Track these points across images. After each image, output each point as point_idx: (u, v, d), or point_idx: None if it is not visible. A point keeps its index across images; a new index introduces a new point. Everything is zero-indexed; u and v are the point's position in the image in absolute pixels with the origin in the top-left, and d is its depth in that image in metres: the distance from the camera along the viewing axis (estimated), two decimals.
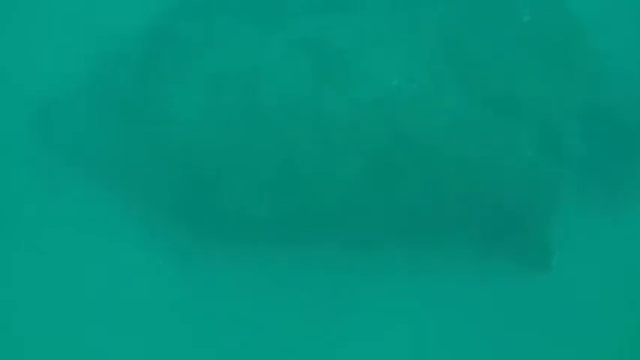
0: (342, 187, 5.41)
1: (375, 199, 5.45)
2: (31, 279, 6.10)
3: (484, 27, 5.51)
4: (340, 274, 6.06)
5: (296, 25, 5.61)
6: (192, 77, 5.56)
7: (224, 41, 5.63)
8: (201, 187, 5.59)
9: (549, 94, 5.36)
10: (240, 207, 5.57)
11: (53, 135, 6.22)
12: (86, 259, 6.15)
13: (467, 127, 5.31)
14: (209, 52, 5.60)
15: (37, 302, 6.04)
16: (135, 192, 5.94)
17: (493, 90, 5.35)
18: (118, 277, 6.10)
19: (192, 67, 5.59)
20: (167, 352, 5.88)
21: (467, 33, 5.47)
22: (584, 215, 5.83)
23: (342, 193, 5.43)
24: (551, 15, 5.62)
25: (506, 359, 5.66)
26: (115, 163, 5.92)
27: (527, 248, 5.51)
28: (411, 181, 5.37)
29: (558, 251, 5.41)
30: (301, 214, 5.57)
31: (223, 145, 5.47)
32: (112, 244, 6.16)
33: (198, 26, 5.73)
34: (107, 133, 5.93)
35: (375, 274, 6.03)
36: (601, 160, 5.71)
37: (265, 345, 5.86)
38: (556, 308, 5.73)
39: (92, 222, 6.24)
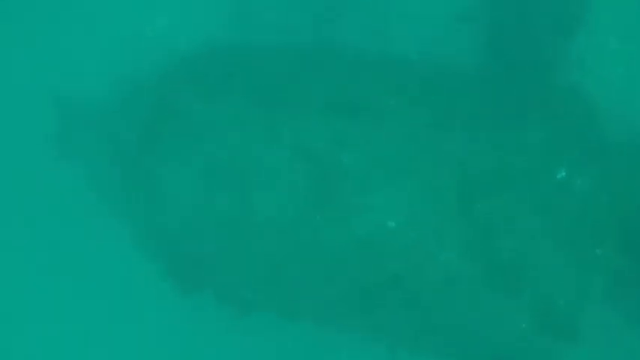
0: (327, 308, 5.28)
1: (357, 325, 5.31)
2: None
3: (509, 179, 4.85)
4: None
5: (304, 126, 5.15)
6: (191, 163, 5.31)
7: (228, 130, 5.28)
8: (192, 268, 5.55)
9: (560, 268, 4.78)
10: (230, 291, 5.55)
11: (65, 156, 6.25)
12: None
13: (460, 286, 4.87)
14: (212, 140, 5.28)
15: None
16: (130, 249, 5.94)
17: (497, 255, 4.81)
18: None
19: (195, 151, 5.31)
20: None
21: (486, 183, 4.85)
22: None
23: (327, 312, 5.33)
24: (591, 175, 4.84)
25: None
26: (115, 217, 5.90)
27: None
28: (396, 321, 5.13)
29: None
30: (288, 314, 5.53)
31: (213, 242, 5.33)
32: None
33: (207, 107, 5.34)
34: (110, 186, 5.88)
35: None
36: (605, 345, 5.15)
37: None
38: None
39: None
